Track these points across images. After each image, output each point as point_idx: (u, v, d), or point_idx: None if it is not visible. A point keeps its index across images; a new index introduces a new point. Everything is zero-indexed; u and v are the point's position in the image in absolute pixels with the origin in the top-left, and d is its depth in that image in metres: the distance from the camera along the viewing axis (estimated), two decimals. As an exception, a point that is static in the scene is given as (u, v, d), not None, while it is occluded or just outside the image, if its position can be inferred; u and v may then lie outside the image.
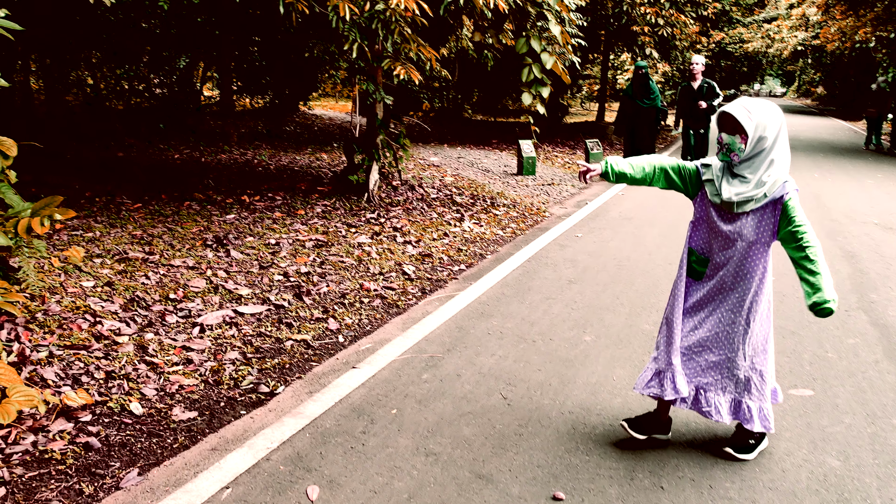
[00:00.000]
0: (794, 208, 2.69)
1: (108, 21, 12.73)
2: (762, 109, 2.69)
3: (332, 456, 2.99)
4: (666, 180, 2.98)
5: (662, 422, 3.13)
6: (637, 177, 2.98)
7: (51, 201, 4.04)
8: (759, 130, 2.66)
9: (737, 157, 2.71)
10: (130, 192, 8.18)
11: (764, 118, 2.67)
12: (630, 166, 2.98)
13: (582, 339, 4.40)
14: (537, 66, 8.82)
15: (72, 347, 3.88)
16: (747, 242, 2.80)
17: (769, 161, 2.70)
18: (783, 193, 2.71)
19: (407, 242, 6.69)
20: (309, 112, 20.81)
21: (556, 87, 13.92)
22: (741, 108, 2.68)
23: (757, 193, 2.69)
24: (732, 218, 2.81)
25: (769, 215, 2.76)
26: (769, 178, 2.69)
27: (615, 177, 2.99)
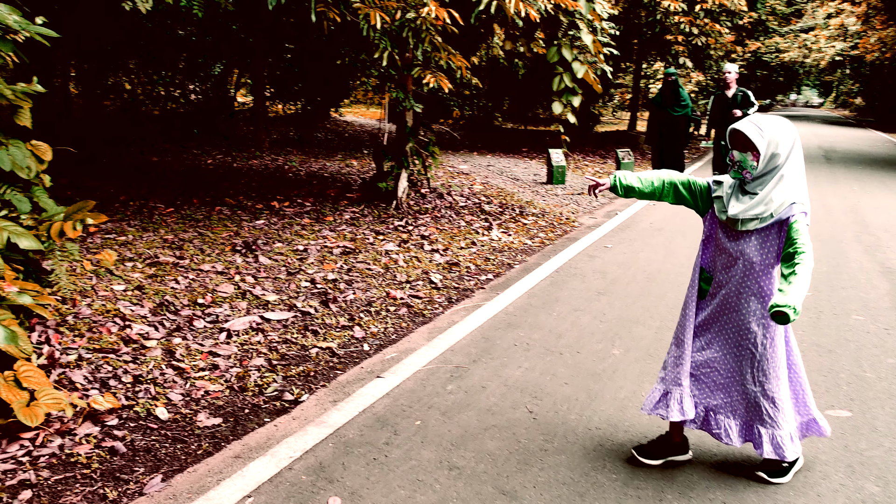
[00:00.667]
0: (798, 231, 2.59)
1: (145, 28, 12.98)
2: (774, 126, 2.63)
3: (355, 467, 2.96)
4: (675, 196, 2.93)
5: (677, 443, 3.05)
6: (646, 191, 2.94)
7: (83, 206, 4.09)
8: (771, 147, 2.60)
9: (749, 174, 2.65)
10: (163, 197, 8.29)
11: (776, 135, 2.61)
12: (639, 180, 2.93)
13: (610, 352, 4.32)
14: (568, 75, 8.76)
15: (101, 351, 3.92)
16: (749, 262, 2.73)
17: (780, 178, 2.63)
18: (790, 215, 2.63)
19: (434, 251, 6.66)
20: (340, 119, 20.97)
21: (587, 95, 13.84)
22: (752, 126, 2.62)
23: (763, 212, 2.63)
24: (737, 236, 2.74)
25: (774, 237, 2.69)
26: (777, 196, 2.62)
27: (623, 190, 2.95)
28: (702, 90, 27.14)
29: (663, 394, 2.95)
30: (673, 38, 16.60)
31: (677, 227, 8.33)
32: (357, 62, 9.87)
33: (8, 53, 3.95)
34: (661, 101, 11.08)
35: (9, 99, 4.11)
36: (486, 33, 9.35)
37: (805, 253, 2.54)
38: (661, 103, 11.08)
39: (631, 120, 22.30)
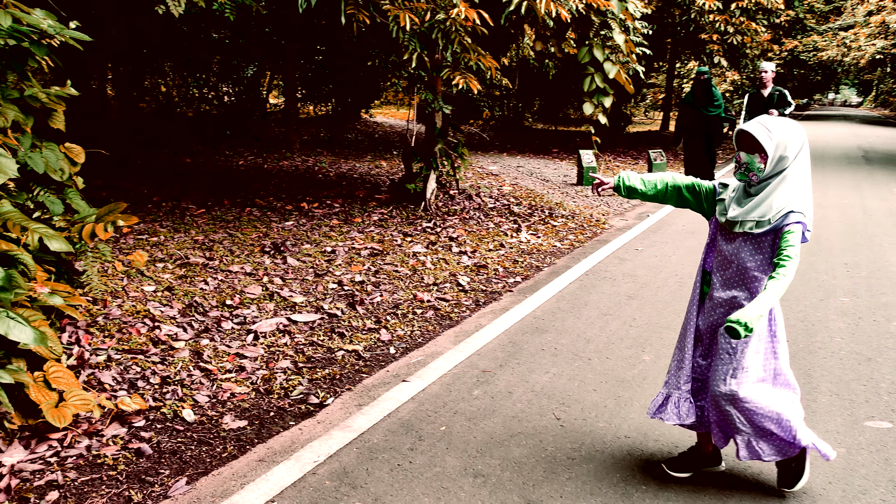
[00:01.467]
0: (788, 242, 2.50)
1: (180, 31, 13.17)
2: (783, 128, 2.55)
3: (379, 473, 2.93)
4: (678, 199, 2.88)
5: (708, 454, 2.96)
6: (648, 193, 2.89)
7: (114, 207, 4.14)
8: (779, 150, 2.53)
9: (755, 176, 2.57)
10: (195, 198, 8.39)
11: (785, 137, 2.53)
12: (642, 182, 2.89)
13: (640, 358, 4.23)
14: (599, 76, 8.65)
15: (130, 352, 3.95)
16: (743, 266, 2.65)
17: (782, 181, 2.56)
18: (785, 224, 2.54)
19: (462, 253, 6.62)
20: (370, 120, 21.06)
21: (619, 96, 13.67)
22: (760, 127, 2.55)
23: (761, 216, 2.55)
24: (733, 238, 2.68)
25: (768, 244, 2.60)
26: (777, 201, 2.54)
27: (626, 191, 2.91)
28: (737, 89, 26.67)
29: (665, 398, 2.91)
30: (707, 37, 16.32)
31: (711, 229, 8.15)
32: (387, 63, 9.89)
33: (42, 57, 4.00)
34: (692, 100, 10.75)
35: (43, 102, 4.17)
36: (517, 34, 9.28)
37: (784, 268, 2.47)
38: (693, 103, 10.76)
39: (664, 120, 22.01)
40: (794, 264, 2.48)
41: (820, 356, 4.25)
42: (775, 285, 2.45)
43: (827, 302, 5.30)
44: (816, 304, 5.24)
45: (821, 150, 18.15)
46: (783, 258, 2.48)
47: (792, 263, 2.48)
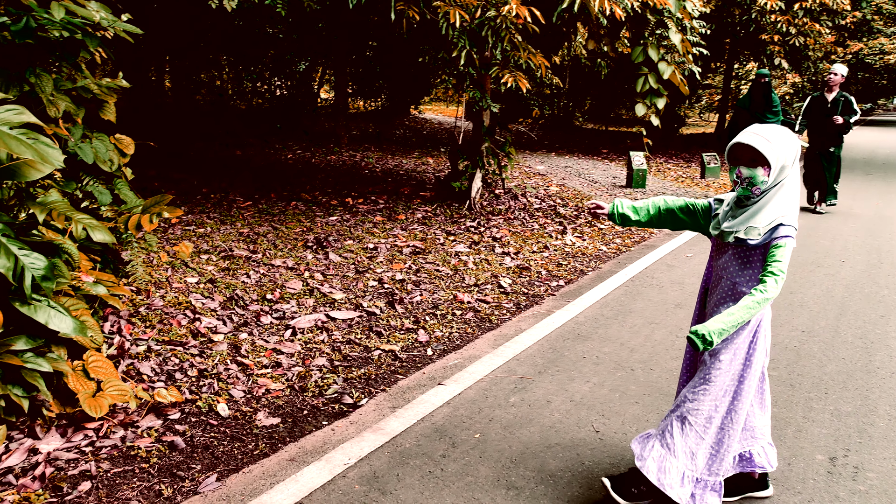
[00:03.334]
0: (776, 256, 2.37)
1: (235, 26, 13.38)
2: (780, 137, 2.41)
3: (409, 479, 2.87)
4: (674, 221, 2.78)
5: (753, 478, 2.81)
6: (642, 220, 2.81)
7: (160, 199, 4.18)
8: (780, 159, 2.39)
9: (759, 190, 2.43)
10: (243, 190, 8.48)
11: (784, 146, 2.39)
12: (633, 210, 2.80)
13: (686, 371, 4.06)
14: (653, 76, 8.42)
15: (169, 343, 3.98)
16: (732, 281, 2.53)
17: (777, 190, 2.42)
18: (775, 237, 2.40)
19: (505, 254, 6.52)
20: (419, 116, 21.07)
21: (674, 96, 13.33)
22: (759, 138, 2.38)
23: (750, 226, 2.42)
24: (724, 251, 2.57)
25: (758, 258, 2.47)
26: (769, 213, 2.41)
27: (619, 219, 2.82)
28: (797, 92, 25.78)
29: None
30: (768, 38, 15.78)
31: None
32: (436, 60, 9.84)
33: (95, 49, 4.05)
34: (748, 104, 10.17)
35: (94, 94, 4.23)
36: (569, 32, 9.11)
37: (765, 284, 2.34)
38: (749, 107, 10.17)
39: (719, 122, 21.41)
40: (777, 281, 2.34)
41: (879, 376, 4.02)
42: (749, 301, 2.33)
43: (888, 318, 5.03)
44: (876, 321, 4.97)
45: (883, 158, 17.39)
46: (767, 274, 2.36)
47: (775, 280, 2.34)
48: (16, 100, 3.30)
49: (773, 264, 2.36)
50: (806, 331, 4.75)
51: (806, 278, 6.06)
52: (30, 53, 3.53)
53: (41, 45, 3.59)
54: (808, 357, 4.29)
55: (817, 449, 3.18)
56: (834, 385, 3.88)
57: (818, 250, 7.19)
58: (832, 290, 5.74)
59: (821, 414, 3.53)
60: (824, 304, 5.33)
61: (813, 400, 3.69)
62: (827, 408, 3.60)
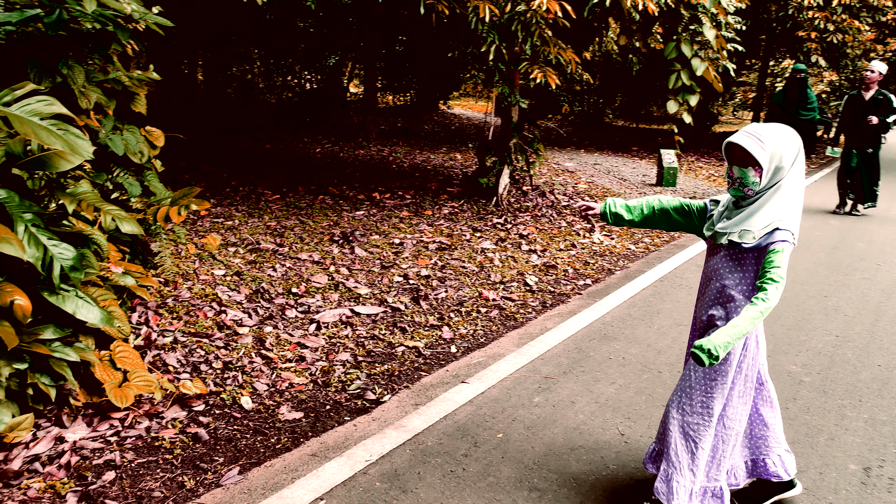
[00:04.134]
0: (773, 263, 2.27)
1: (266, 20, 13.47)
2: (776, 136, 2.30)
3: (431, 478, 2.84)
4: (668, 221, 2.70)
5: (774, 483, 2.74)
6: (636, 220, 2.73)
7: (189, 191, 4.20)
8: (774, 161, 2.29)
9: (751, 191, 2.34)
10: (271, 183, 8.53)
11: (779, 146, 2.29)
12: (627, 209, 2.73)
13: (715, 374, 3.98)
14: (686, 73, 8.28)
15: (195, 335, 4.01)
16: (721, 284, 2.45)
17: (775, 192, 2.32)
18: (772, 242, 2.30)
19: (532, 251, 6.46)
20: (448, 111, 21.02)
21: (707, 93, 13.11)
22: (750, 137, 2.29)
23: (745, 228, 2.33)
24: (716, 252, 2.49)
25: (750, 262, 2.39)
26: (765, 216, 2.32)
27: (612, 218, 2.75)
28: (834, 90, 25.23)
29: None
30: (805, 35, 15.44)
31: (800, 238, 7.68)
32: (465, 55, 9.79)
33: (126, 41, 4.08)
34: (783, 100, 9.77)
35: (126, 86, 4.26)
36: (600, 27, 8.99)
37: (766, 292, 2.23)
38: (783, 104, 9.77)
39: (753, 120, 21.03)
40: (778, 288, 2.25)
41: (917, 385, 3.89)
42: (752, 311, 2.22)
43: (928, 325, 4.87)
44: (915, 327, 4.82)
45: (926, 158, 16.92)
46: (766, 281, 2.25)
47: (775, 288, 2.24)
48: (48, 91, 3.34)
49: (772, 271, 2.26)
50: (840, 336, 4.62)
51: (841, 282, 5.90)
52: (62, 45, 3.57)
53: (73, 36, 3.63)
54: (842, 363, 4.17)
55: (850, 458, 3.09)
56: (869, 392, 3.77)
57: (854, 253, 7.00)
58: (868, 294, 5.58)
59: (854, 422, 3.43)
60: (860, 309, 5.19)
61: (846, 407, 3.59)
62: (861, 416, 3.50)
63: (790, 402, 3.65)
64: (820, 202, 10.20)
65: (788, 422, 3.41)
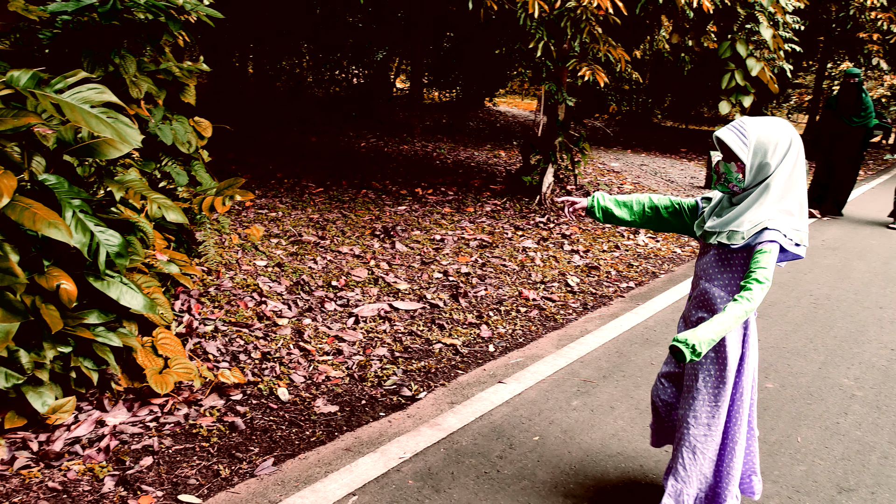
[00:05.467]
0: (759, 262, 2.16)
1: (316, 14, 13.60)
2: (762, 129, 2.18)
3: (464, 479, 2.80)
4: (658, 220, 2.59)
5: None
6: (626, 218, 2.61)
7: (234, 182, 4.24)
8: (758, 156, 2.18)
9: (737, 187, 2.25)
10: (315, 176, 8.60)
11: (764, 140, 2.17)
12: (616, 204, 2.61)
13: (762, 385, 3.84)
14: (740, 73, 8.06)
15: (236, 324, 4.04)
16: (711, 284, 2.35)
17: (763, 191, 2.21)
18: (759, 242, 2.19)
19: (574, 251, 6.36)
20: (493, 108, 20.91)
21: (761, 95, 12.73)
22: (732, 132, 2.20)
23: (734, 228, 2.23)
24: (706, 251, 2.39)
25: (739, 262, 2.29)
26: (753, 215, 2.21)
27: (601, 213, 2.63)
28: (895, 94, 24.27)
29: None
30: (866, 36, 14.87)
31: (855, 246, 7.40)
32: (513, 52, 9.71)
33: (177, 32, 4.14)
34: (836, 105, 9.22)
35: (176, 76, 4.32)
36: (652, 25, 8.81)
37: (750, 291, 2.13)
38: (836, 108, 9.22)
39: (809, 123, 20.40)
40: (761, 289, 2.14)
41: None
42: (737, 310, 2.12)
43: None
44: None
45: None
46: (750, 281, 2.15)
47: (759, 288, 2.14)
48: (100, 80, 3.39)
49: (758, 271, 2.16)
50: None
51: (899, 293, 5.66)
52: (115, 35, 3.63)
53: (126, 27, 3.69)
54: (899, 379, 3.99)
55: (906, 480, 2.95)
56: (927, 411, 3.59)
57: (884, 252, 6.71)
58: (928, 307, 5.33)
59: (911, 442, 3.27)
60: (919, 323, 4.96)
61: (902, 426, 3.43)
62: (918, 435, 3.33)
63: (841, 417, 3.50)
64: (878, 210, 9.82)
65: (839, 438, 3.27)
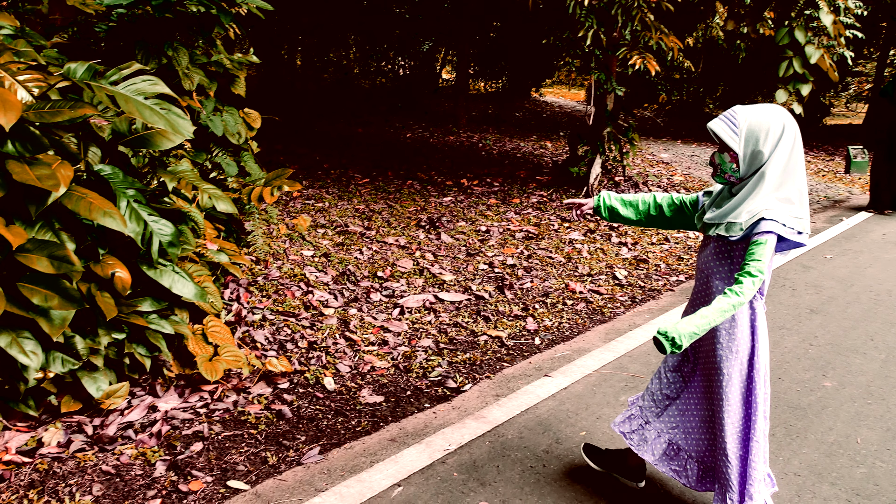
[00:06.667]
0: (754, 254, 2.10)
1: (363, 6, 13.64)
2: (754, 117, 2.12)
3: (510, 473, 2.78)
4: (662, 219, 2.53)
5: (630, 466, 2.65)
6: (632, 217, 2.56)
7: (282, 173, 4.28)
8: (750, 145, 2.13)
9: (733, 178, 2.21)
10: (361, 167, 8.64)
11: (756, 128, 2.11)
12: (622, 203, 2.56)
13: (820, 384, 3.71)
14: (798, 60, 7.76)
15: (283, 314, 4.09)
16: (708, 277, 2.31)
17: (759, 180, 2.14)
18: (755, 233, 2.12)
19: (622, 244, 6.24)
20: (539, 99, 20.70)
21: (819, 83, 12.28)
22: (723, 122, 2.16)
23: (731, 219, 2.17)
24: (707, 244, 2.34)
25: (738, 254, 2.22)
26: (750, 205, 2.14)
27: (607, 212, 2.56)
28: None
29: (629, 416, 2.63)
30: (935, 20, 14.19)
31: (919, 242, 7.08)
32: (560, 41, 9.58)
33: (228, 24, 4.18)
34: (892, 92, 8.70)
35: (227, 68, 4.38)
36: (707, 11, 8.56)
37: (741, 284, 2.08)
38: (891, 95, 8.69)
39: (867, 113, 19.61)
40: (755, 282, 2.07)
41: None
42: (724, 303, 2.07)
43: None
44: None
45: None
46: (743, 274, 2.09)
47: (750, 282, 2.07)
48: (153, 71, 3.45)
49: (751, 263, 2.09)
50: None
51: (967, 290, 5.39)
52: (168, 27, 3.69)
53: (179, 19, 3.74)
54: (968, 380, 3.80)
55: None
56: None
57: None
58: None
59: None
60: None
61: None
62: None
63: (905, 419, 3.35)
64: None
65: (903, 441, 3.13)
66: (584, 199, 2.65)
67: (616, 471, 2.73)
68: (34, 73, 2.64)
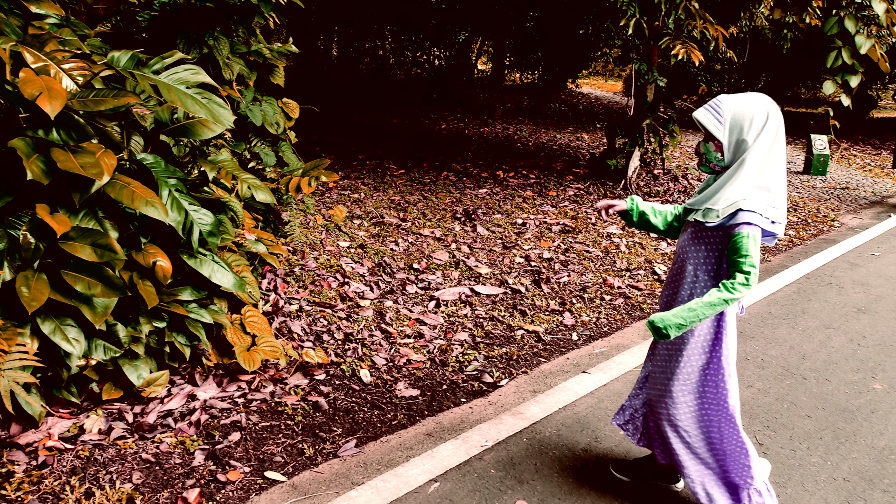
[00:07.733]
0: (741, 250, 2.07)
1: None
2: (739, 106, 2.10)
3: (548, 471, 2.73)
4: (678, 230, 2.51)
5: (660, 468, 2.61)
6: (659, 227, 2.53)
7: (319, 163, 4.27)
8: (734, 134, 2.11)
9: (717, 167, 2.20)
10: (396, 158, 8.63)
11: (740, 116, 2.09)
12: (652, 210, 2.52)
13: (870, 385, 3.58)
14: (847, 50, 7.50)
15: (319, 305, 4.09)
16: (683, 260, 2.29)
17: (738, 167, 2.10)
18: (735, 225, 2.10)
19: (661, 238, 6.12)
20: (576, 90, 20.45)
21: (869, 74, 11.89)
22: (708, 111, 2.14)
23: (710, 204, 2.14)
24: (686, 228, 2.32)
25: (715, 241, 2.20)
26: (728, 193, 2.11)
27: (637, 216, 2.51)
28: None
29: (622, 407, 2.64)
30: None
31: (973, 240, 6.81)
32: (599, 31, 9.40)
33: (269, 14, 4.18)
34: None
35: (266, 58, 4.37)
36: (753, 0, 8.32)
37: (735, 281, 2.07)
38: None
39: (919, 106, 18.95)
40: (748, 280, 2.05)
41: None
42: (714, 298, 2.08)
43: None
44: None
45: None
46: (738, 272, 2.08)
47: (745, 279, 2.06)
48: (195, 61, 3.46)
49: (741, 260, 2.06)
50: None
51: None
52: (209, 17, 3.69)
53: (220, 9, 3.75)
54: None
55: None
56: None
57: None
58: None
59: None
60: None
61: None
62: None
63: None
64: None
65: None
66: (616, 201, 2.60)
67: (648, 477, 2.66)
68: (78, 62, 2.66)
